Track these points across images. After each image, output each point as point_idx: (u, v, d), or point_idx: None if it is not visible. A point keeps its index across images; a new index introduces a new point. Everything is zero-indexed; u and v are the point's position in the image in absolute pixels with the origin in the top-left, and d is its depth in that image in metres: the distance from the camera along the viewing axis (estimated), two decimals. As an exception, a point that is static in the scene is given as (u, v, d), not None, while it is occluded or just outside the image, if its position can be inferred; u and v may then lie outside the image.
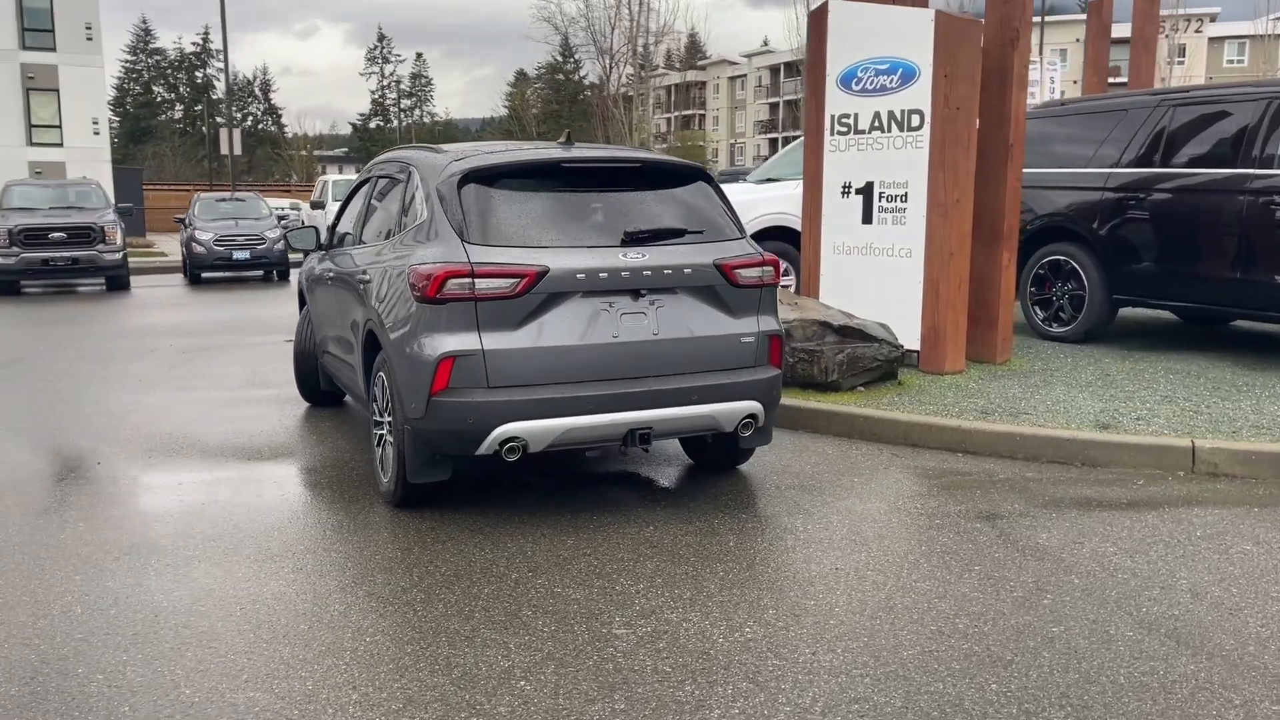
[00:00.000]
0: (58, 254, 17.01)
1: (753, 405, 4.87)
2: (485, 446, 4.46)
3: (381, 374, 4.94)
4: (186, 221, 19.65)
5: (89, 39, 35.96)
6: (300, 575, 4.11)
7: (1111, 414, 6.19)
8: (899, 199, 7.71)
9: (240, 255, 18.55)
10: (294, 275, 21.55)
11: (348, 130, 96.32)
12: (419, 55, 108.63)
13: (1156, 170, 8.34)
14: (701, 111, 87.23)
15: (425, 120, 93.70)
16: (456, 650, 3.43)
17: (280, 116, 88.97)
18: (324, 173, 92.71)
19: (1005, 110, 7.83)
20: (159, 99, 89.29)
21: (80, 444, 6.34)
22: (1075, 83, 27.74)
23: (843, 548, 4.39)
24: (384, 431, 4.97)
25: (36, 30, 35.28)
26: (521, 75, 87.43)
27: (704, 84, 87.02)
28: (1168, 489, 5.22)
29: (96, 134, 36.26)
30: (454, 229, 4.60)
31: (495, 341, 4.45)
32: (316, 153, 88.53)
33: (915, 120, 7.56)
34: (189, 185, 45.70)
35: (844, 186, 8.07)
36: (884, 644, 3.45)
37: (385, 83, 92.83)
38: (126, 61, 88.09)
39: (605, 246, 4.64)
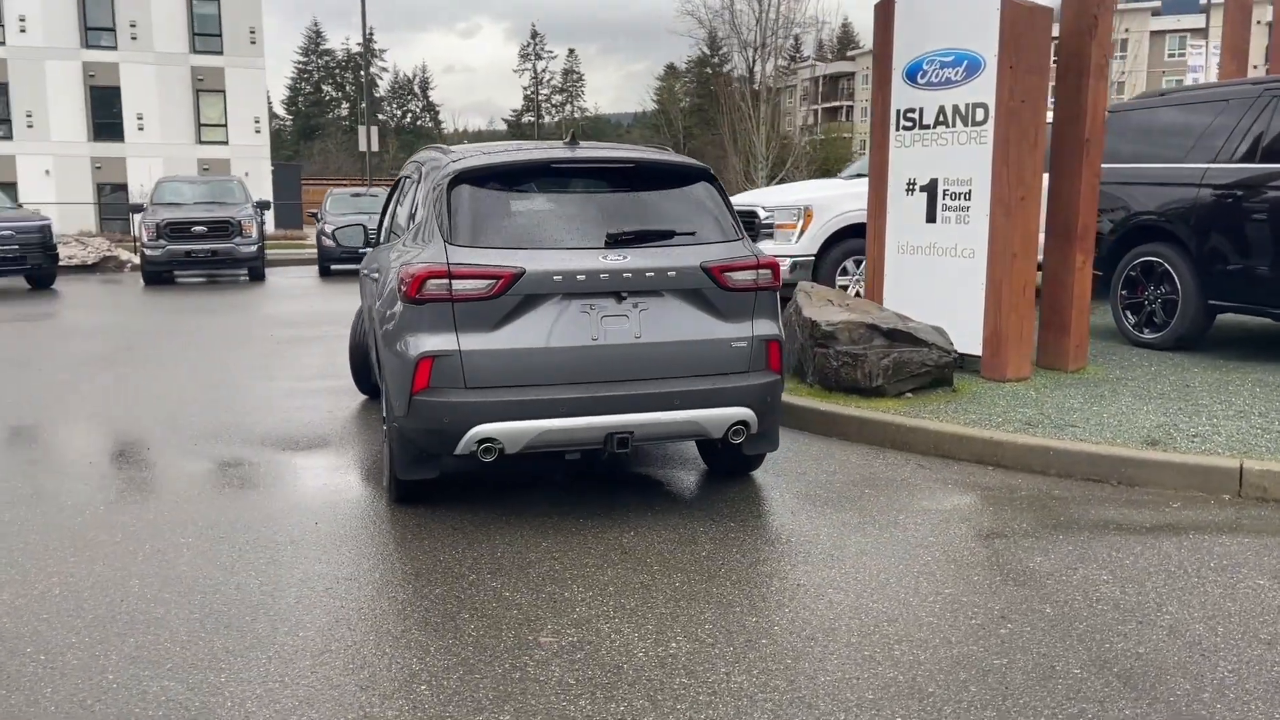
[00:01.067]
0: (199, 246, 18.09)
1: (742, 411, 4.74)
2: (462, 446, 4.50)
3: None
4: (319, 216, 20.54)
5: (252, 42, 38.02)
6: (272, 567, 4.24)
7: (1168, 429, 5.76)
8: (962, 197, 7.38)
9: (366, 249, 19.19)
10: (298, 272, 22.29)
11: (504, 126, 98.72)
12: (571, 51, 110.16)
13: (1258, 166, 7.70)
14: (850, 103, 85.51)
15: (575, 115, 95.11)
16: (378, 650, 3.47)
17: (438, 113, 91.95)
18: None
19: (1081, 103, 7.37)
20: (327, 98, 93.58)
21: (139, 431, 6.72)
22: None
23: (816, 563, 4.23)
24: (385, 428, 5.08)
25: (205, 35, 37.54)
26: (670, 70, 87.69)
27: (852, 75, 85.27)
28: (1202, 514, 4.82)
29: (258, 132, 38.31)
30: (440, 230, 4.66)
31: (472, 342, 4.48)
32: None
33: (979, 114, 7.21)
34: (346, 180, 47.72)
35: (908, 184, 7.78)
36: (805, 668, 3.31)
37: (538, 79, 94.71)
38: (299, 63, 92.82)
39: (586, 248, 4.60)
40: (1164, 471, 5.20)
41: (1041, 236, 7.67)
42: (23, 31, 35.56)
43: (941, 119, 7.48)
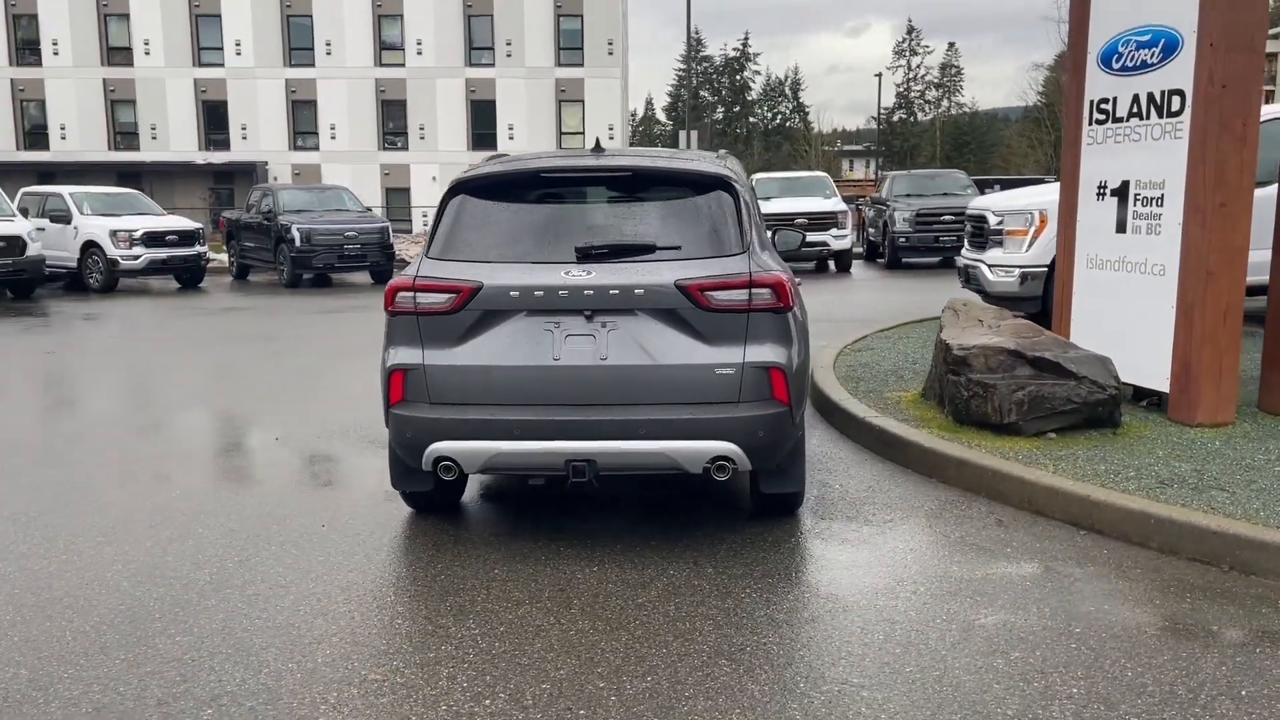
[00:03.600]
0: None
1: (723, 446, 4.26)
2: (424, 463, 4.42)
3: None
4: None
5: (610, 53, 40.18)
6: (242, 567, 4.40)
7: (1349, 505, 4.46)
8: (1154, 202, 6.18)
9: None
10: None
11: (874, 125, 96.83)
12: (951, 45, 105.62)
13: None
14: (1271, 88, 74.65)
15: (953, 112, 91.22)
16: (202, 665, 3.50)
17: (807, 114, 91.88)
18: (852, 169, 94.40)
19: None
20: (703, 102, 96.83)
21: (266, 424, 7.30)
22: None
23: (748, 630, 3.71)
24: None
25: (569, 49, 40.19)
26: (1061, 60, 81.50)
27: (1274, 55, 74.31)
28: (1310, 622, 3.67)
29: (611, 138, 40.39)
30: (429, 241, 4.62)
31: (436, 357, 4.39)
32: (845, 148, 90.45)
33: (1175, 103, 6.00)
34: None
35: (1099, 187, 6.65)
36: (590, 749, 2.91)
37: (910, 75, 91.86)
38: (679, 70, 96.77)
39: (552, 263, 4.35)
40: (1292, 560, 4.02)
41: (1265, 254, 6.27)
42: (419, 54, 40.07)
43: (1135, 110, 6.31)
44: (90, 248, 18.93)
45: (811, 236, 19.18)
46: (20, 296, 17.72)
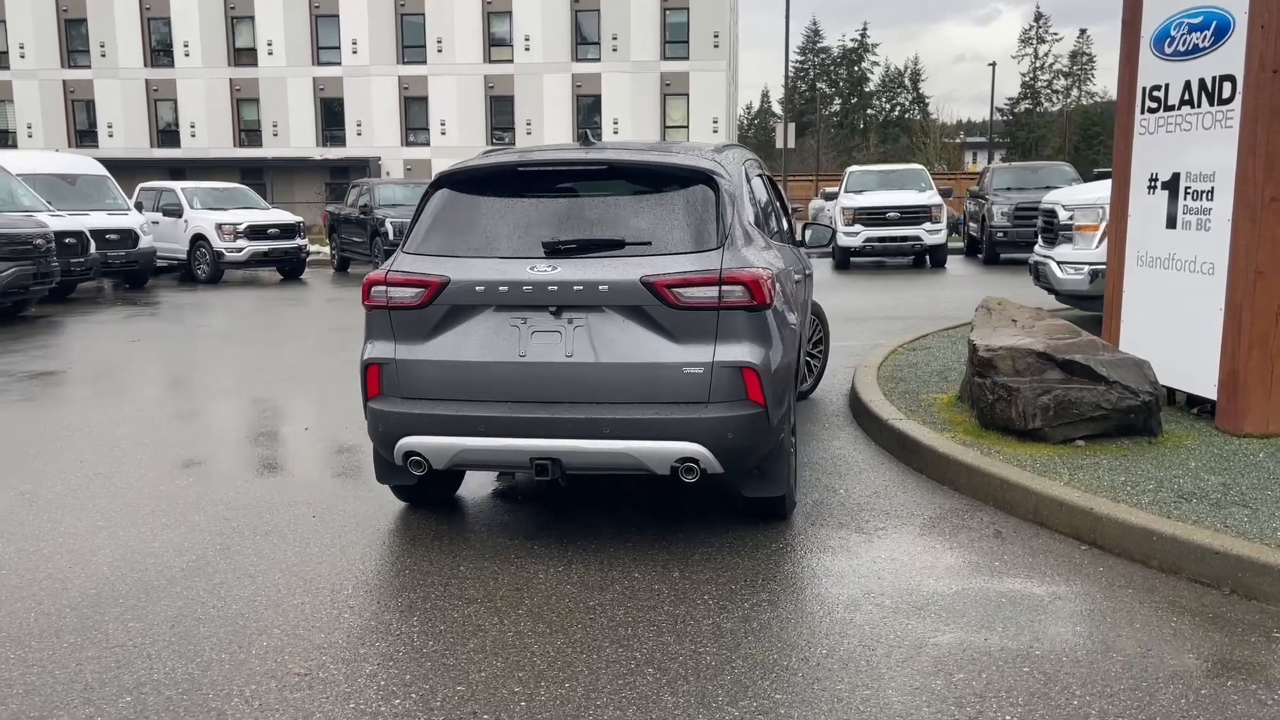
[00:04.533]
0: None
1: (690, 448, 4.14)
2: (396, 457, 4.43)
3: None
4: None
5: (715, 46, 39.93)
6: (221, 555, 4.48)
7: (1382, 527, 4.07)
8: (1204, 196, 5.78)
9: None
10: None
11: (998, 116, 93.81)
12: (1082, 32, 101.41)
13: None
14: None
15: (1083, 101, 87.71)
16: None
17: (927, 105, 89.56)
18: (975, 162, 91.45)
19: (1390, 66, 5.39)
20: (820, 94, 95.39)
21: (305, 414, 7.44)
22: None
23: (688, 639, 3.59)
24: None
25: (675, 42, 40.10)
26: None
27: None
28: (1302, 655, 3.35)
29: (715, 132, 40.18)
30: (406, 235, 4.62)
31: (407, 352, 4.39)
32: (968, 140, 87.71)
33: (1226, 90, 5.60)
34: (811, 176, 48.48)
35: (1150, 179, 6.26)
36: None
37: (1038, 64, 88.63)
38: (796, 62, 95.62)
39: (519, 258, 4.29)
40: (1295, 586, 3.69)
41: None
42: (527, 50, 40.54)
43: (1186, 97, 5.91)
44: (198, 240, 19.77)
45: (903, 230, 18.79)
46: (134, 286, 18.63)
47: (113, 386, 8.74)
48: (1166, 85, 6.05)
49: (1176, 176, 5.99)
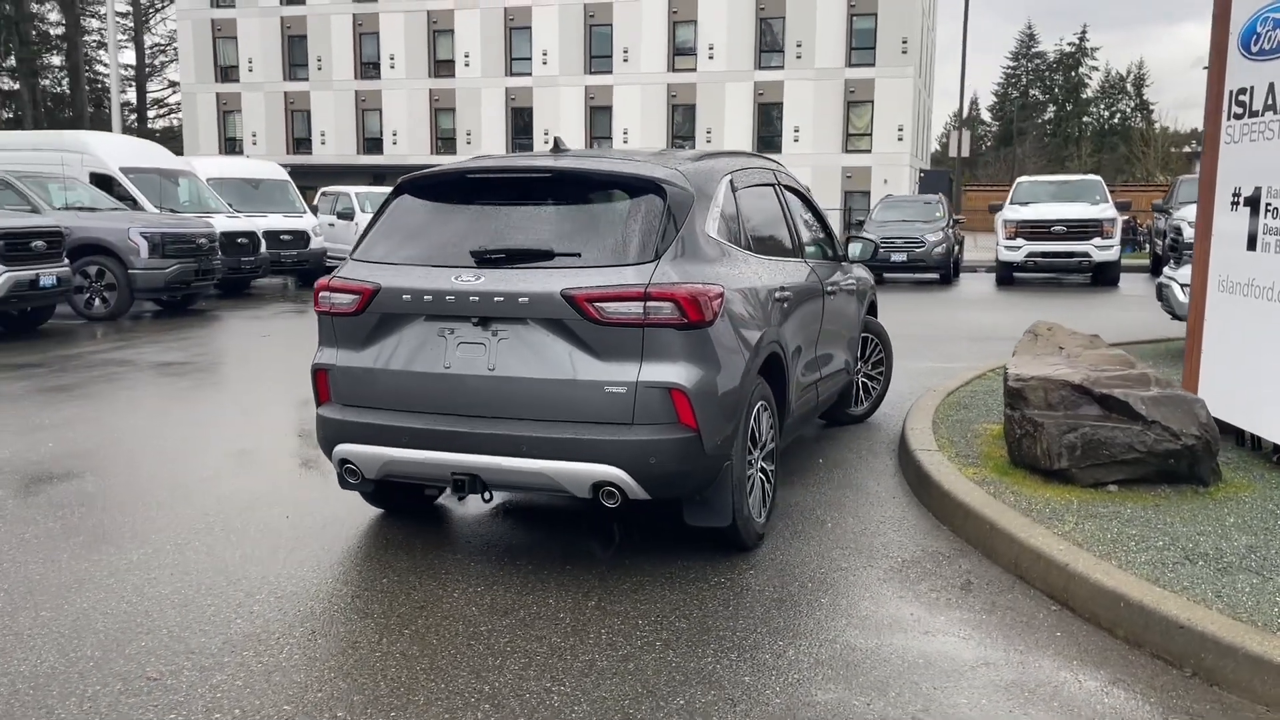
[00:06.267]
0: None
1: (608, 471, 3.91)
2: (334, 465, 4.41)
3: None
4: (864, 222, 20.47)
5: (903, 52, 38.72)
6: (176, 551, 4.58)
7: None
8: (1284, 214, 5.04)
9: (897, 257, 18.69)
10: (964, 279, 20.97)
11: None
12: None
13: None
14: None
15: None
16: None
17: (1150, 112, 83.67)
18: (1193, 170, 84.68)
19: None
20: (1033, 101, 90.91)
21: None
22: None
23: (549, 676, 3.38)
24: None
25: (861, 49, 39.16)
26: None
27: None
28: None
29: (900, 140, 38.98)
30: (357, 241, 4.59)
31: (346, 359, 4.37)
32: (1187, 149, 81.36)
33: (1309, 92, 4.85)
34: (1002, 186, 46.23)
35: (1233, 194, 5.54)
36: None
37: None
38: (1008, 67, 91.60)
39: (447, 266, 4.17)
40: (1262, 673, 3.10)
41: None
42: (710, 58, 40.56)
43: (1270, 102, 5.18)
44: (365, 242, 20.76)
45: (1068, 246, 17.57)
46: (305, 285, 19.78)
47: (193, 382, 9.22)
48: (1251, 89, 5.32)
49: (1258, 191, 5.25)
